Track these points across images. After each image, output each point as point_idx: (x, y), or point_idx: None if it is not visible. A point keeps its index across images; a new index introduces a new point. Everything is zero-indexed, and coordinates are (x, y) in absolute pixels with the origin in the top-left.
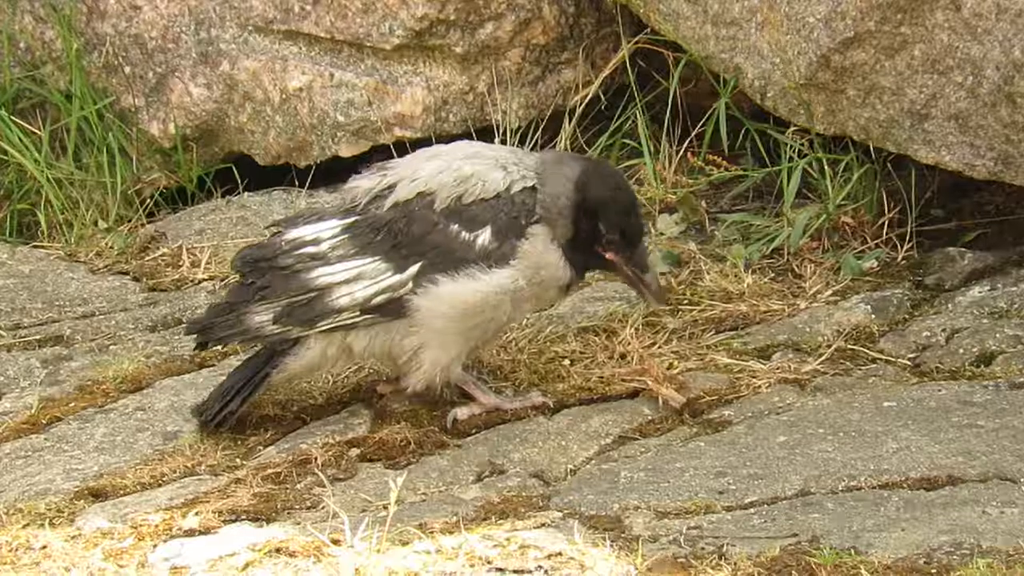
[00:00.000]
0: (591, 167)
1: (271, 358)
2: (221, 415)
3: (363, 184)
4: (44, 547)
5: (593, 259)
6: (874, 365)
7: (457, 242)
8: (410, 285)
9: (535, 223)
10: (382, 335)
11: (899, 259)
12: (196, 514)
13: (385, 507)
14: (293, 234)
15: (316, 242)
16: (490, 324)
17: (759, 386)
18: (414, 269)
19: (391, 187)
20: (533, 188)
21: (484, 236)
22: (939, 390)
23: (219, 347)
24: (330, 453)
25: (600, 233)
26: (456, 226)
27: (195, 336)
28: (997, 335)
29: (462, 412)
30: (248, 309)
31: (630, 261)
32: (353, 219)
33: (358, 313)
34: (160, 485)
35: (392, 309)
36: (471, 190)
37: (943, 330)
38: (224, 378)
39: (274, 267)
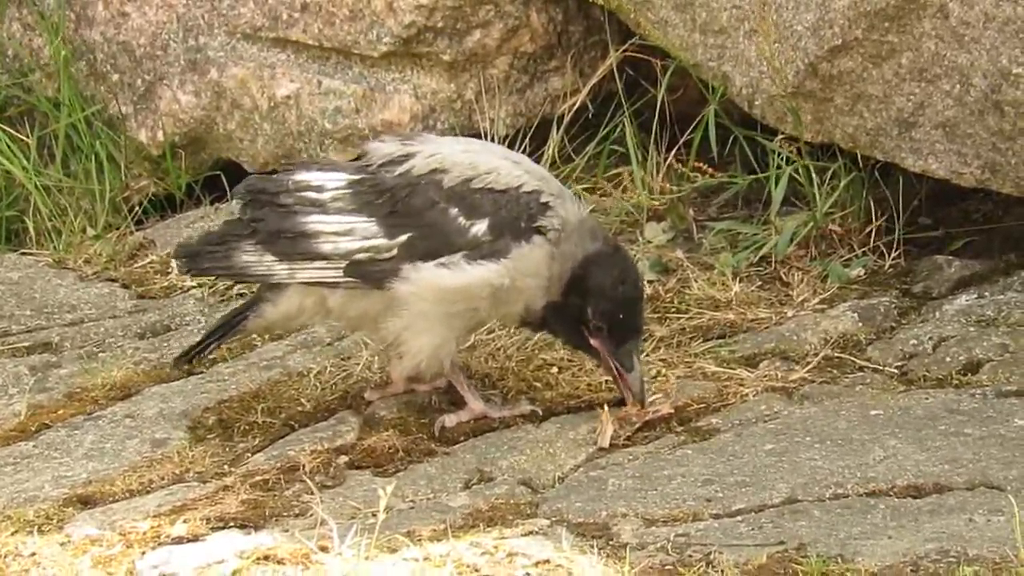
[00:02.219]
0: (610, 250)
1: (251, 305)
2: (195, 352)
3: (383, 148)
4: (33, 554)
5: (577, 336)
6: (861, 373)
7: (452, 225)
8: (395, 251)
9: (538, 233)
10: (359, 299)
11: (886, 267)
12: (184, 521)
13: (373, 514)
14: (301, 176)
15: (320, 189)
16: (471, 315)
17: (746, 394)
18: (403, 238)
19: (408, 156)
20: (546, 204)
21: (480, 227)
22: (926, 398)
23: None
24: (318, 460)
25: (586, 315)
26: (455, 210)
27: (183, 261)
28: (984, 343)
29: (450, 419)
30: (238, 245)
31: (614, 355)
32: (360, 176)
33: (341, 272)
34: (148, 492)
35: (373, 275)
36: (482, 177)
37: (930, 338)
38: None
39: (272, 203)
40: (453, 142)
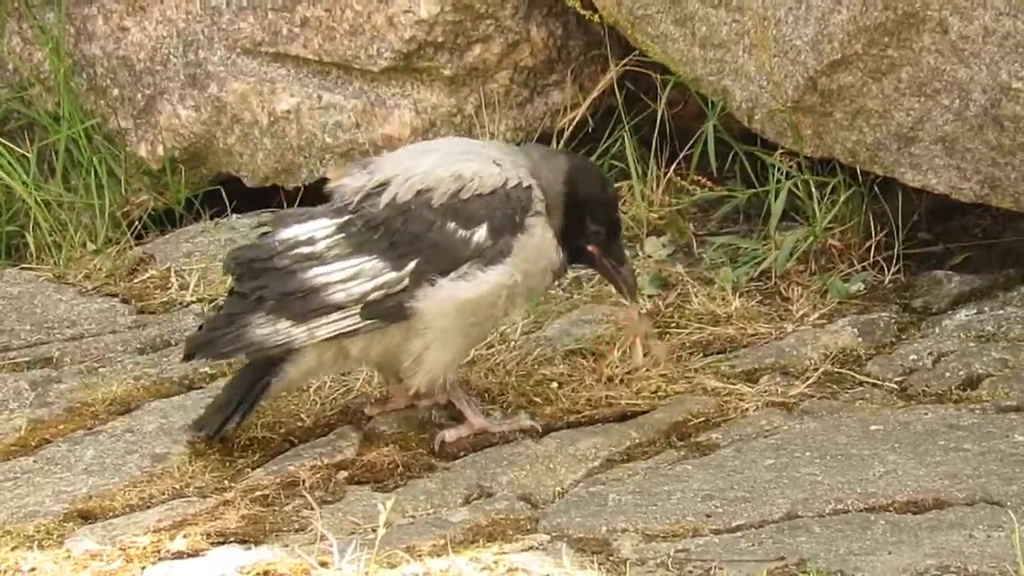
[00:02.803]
0: (578, 163)
1: (269, 366)
2: (224, 427)
3: (351, 183)
4: (33, 569)
5: (574, 252)
6: (861, 388)
7: (453, 239)
8: (407, 282)
9: (532, 215)
10: (379, 340)
11: (886, 282)
12: (184, 536)
13: (373, 530)
14: (286, 234)
15: (311, 242)
16: (487, 322)
17: (746, 409)
18: (411, 266)
19: (383, 184)
20: (528, 187)
21: (480, 233)
22: (926, 413)
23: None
24: (318, 475)
25: (587, 226)
26: (453, 224)
27: (196, 354)
28: (984, 358)
29: (450, 435)
30: (248, 320)
31: (609, 254)
32: (347, 218)
33: (358, 318)
34: (149, 507)
35: (391, 311)
36: (468, 186)
37: (930, 353)
38: (220, 392)
39: (269, 268)
40: (416, 155)
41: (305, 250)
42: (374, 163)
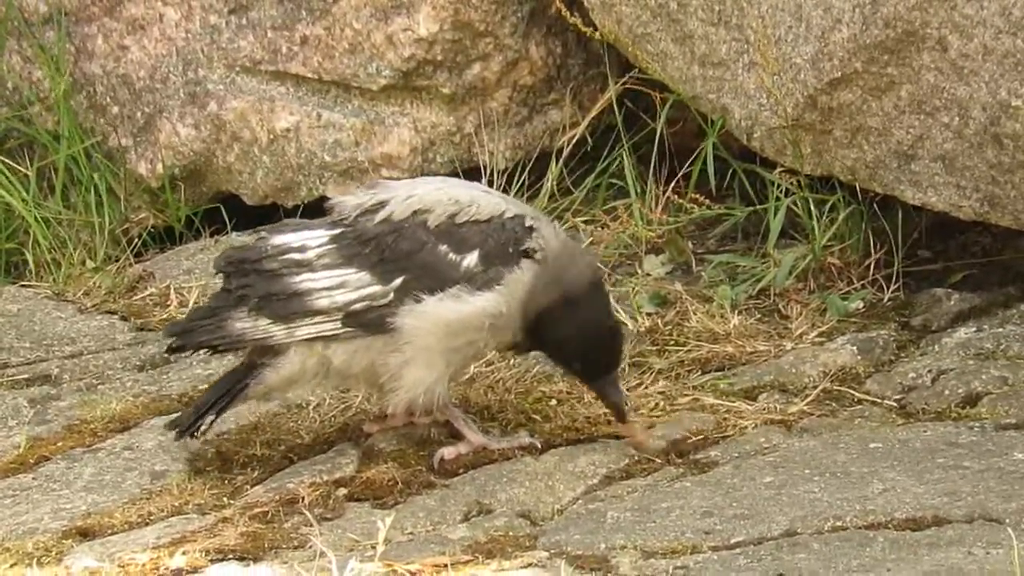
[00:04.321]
0: (592, 286)
1: (250, 370)
2: (197, 425)
3: (351, 200)
4: None
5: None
6: (860, 406)
7: (444, 262)
8: (391, 296)
9: (526, 256)
10: (363, 352)
11: (885, 300)
12: (183, 553)
13: (373, 546)
14: (279, 240)
15: (302, 249)
16: (469, 348)
17: (745, 427)
18: (397, 282)
19: (382, 203)
20: (530, 226)
21: (471, 259)
22: (925, 431)
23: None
24: (317, 492)
25: (573, 366)
26: (445, 246)
27: (174, 339)
28: (983, 376)
29: (449, 452)
30: (230, 314)
31: (600, 394)
32: (341, 230)
33: (339, 324)
34: (148, 524)
35: (373, 322)
36: (466, 211)
37: (929, 371)
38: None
39: (258, 270)
40: (415, 184)
41: (295, 256)
42: (379, 185)
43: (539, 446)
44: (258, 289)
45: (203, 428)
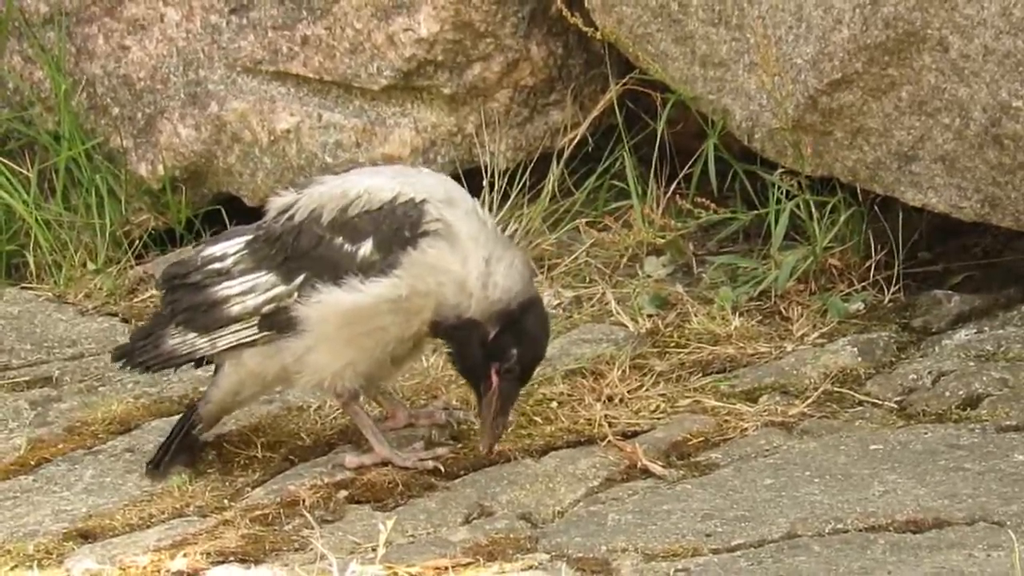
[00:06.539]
0: (536, 296)
1: (200, 398)
2: (160, 459)
3: (278, 201)
4: None
5: (478, 365)
6: (860, 408)
7: (340, 254)
8: (295, 295)
9: (428, 237)
10: (275, 355)
11: (886, 301)
12: (184, 555)
13: (373, 549)
14: (208, 251)
15: (223, 258)
16: (380, 335)
17: (746, 429)
18: (299, 280)
19: (296, 203)
20: (420, 203)
21: (366, 248)
22: (925, 433)
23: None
24: (318, 495)
25: (509, 356)
26: (340, 239)
27: (120, 362)
28: (984, 378)
29: (351, 460)
30: (163, 332)
31: (503, 396)
32: (255, 235)
33: (256, 329)
34: (148, 526)
35: (283, 322)
36: (356, 203)
37: (929, 373)
38: None
39: (185, 284)
40: (346, 177)
41: (217, 266)
42: (314, 182)
43: (442, 470)
44: (183, 303)
45: (166, 460)
